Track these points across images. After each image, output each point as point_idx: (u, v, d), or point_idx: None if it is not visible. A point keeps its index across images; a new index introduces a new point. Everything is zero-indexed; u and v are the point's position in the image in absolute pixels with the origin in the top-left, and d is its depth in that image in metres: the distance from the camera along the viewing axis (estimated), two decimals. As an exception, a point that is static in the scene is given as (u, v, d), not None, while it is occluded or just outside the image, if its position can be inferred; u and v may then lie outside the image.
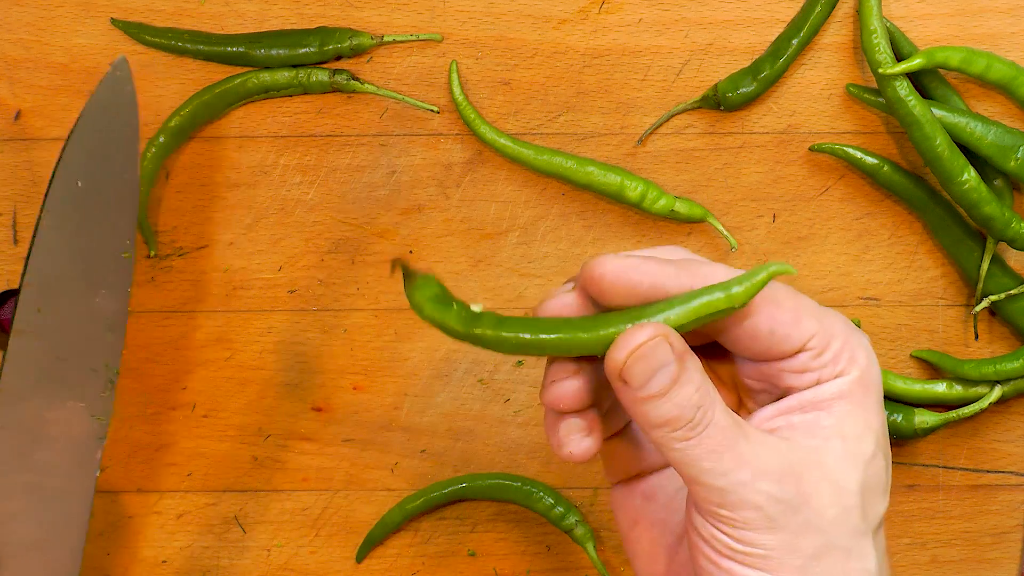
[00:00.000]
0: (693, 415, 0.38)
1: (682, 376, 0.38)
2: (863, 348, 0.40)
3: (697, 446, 0.38)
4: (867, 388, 0.40)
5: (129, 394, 0.62)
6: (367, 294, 0.61)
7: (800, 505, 0.38)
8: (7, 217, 0.60)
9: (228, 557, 0.64)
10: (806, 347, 0.39)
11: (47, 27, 0.58)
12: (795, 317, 0.39)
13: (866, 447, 0.39)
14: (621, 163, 0.59)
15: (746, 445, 0.38)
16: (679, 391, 0.38)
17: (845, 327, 0.40)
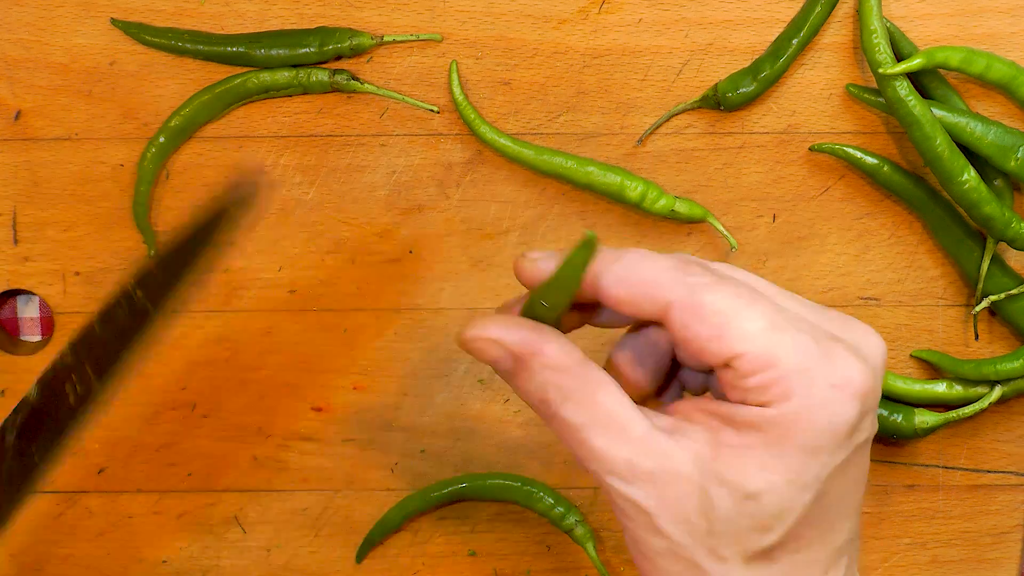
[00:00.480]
0: (537, 405, 0.39)
1: (520, 374, 0.39)
2: (809, 393, 0.37)
3: (560, 424, 0.39)
4: (786, 433, 0.37)
5: (129, 394, 0.62)
6: (367, 294, 0.61)
7: (642, 513, 0.38)
8: (7, 217, 0.60)
9: (228, 557, 0.64)
10: (731, 365, 0.37)
11: (47, 27, 0.58)
12: (717, 333, 0.37)
13: (752, 482, 0.37)
14: (621, 163, 0.59)
15: (602, 441, 0.38)
16: (519, 384, 0.40)
17: (802, 362, 0.37)
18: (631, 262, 0.39)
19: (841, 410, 0.37)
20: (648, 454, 0.38)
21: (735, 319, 0.37)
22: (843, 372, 0.37)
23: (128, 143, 0.59)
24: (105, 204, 0.60)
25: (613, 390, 0.39)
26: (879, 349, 0.40)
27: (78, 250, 0.60)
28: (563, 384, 0.39)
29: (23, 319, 0.63)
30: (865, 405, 0.38)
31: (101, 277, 0.61)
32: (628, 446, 0.38)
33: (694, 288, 0.38)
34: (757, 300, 0.38)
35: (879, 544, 0.63)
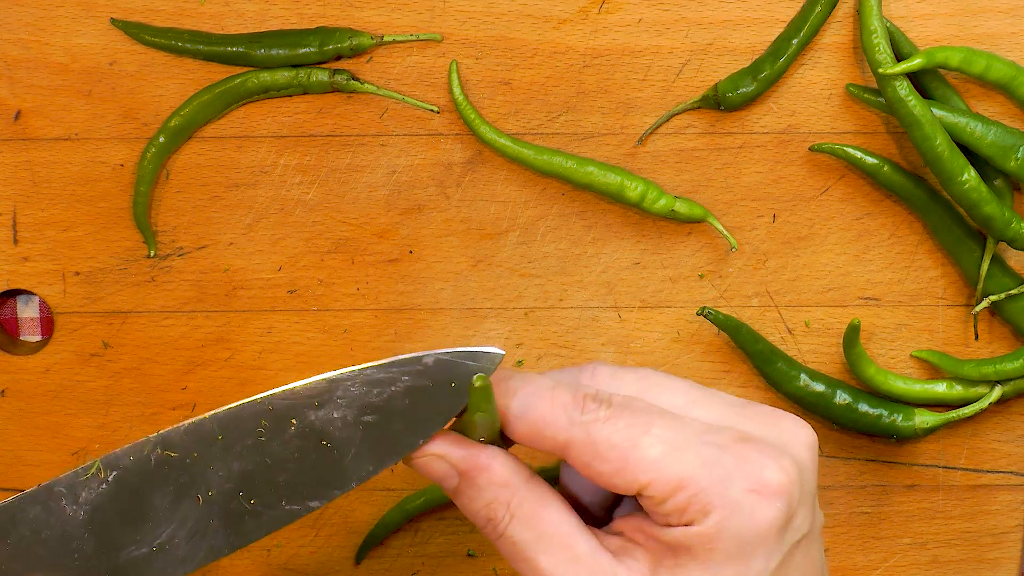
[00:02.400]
0: (484, 525, 0.39)
1: (466, 491, 0.39)
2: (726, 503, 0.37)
3: (500, 542, 0.39)
4: (713, 545, 0.37)
5: (129, 394, 0.62)
6: (367, 294, 0.61)
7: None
8: (7, 217, 0.60)
9: (228, 557, 0.64)
10: (643, 494, 0.37)
11: (47, 27, 0.58)
12: (618, 467, 0.37)
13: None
14: (621, 163, 0.59)
15: (548, 560, 0.38)
16: (467, 502, 0.40)
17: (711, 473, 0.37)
18: (526, 399, 0.39)
19: (763, 514, 0.37)
20: (591, 572, 0.38)
21: (633, 451, 0.37)
22: (758, 474, 0.37)
23: (128, 143, 0.59)
24: (105, 204, 0.60)
25: (560, 508, 0.39)
26: (806, 440, 0.39)
27: (78, 250, 0.60)
28: (510, 501, 0.39)
29: (23, 319, 0.63)
30: (790, 502, 0.37)
31: (101, 277, 0.61)
32: (574, 566, 0.38)
33: (588, 427, 0.38)
34: (653, 424, 0.37)
35: (879, 544, 0.63)
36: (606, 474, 0.37)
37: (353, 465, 0.41)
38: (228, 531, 0.42)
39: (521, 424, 0.39)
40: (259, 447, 0.42)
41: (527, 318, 0.61)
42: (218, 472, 0.42)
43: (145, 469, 0.42)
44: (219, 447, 0.42)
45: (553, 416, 0.38)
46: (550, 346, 0.61)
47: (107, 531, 0.42)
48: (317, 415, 0.42)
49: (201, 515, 0.42)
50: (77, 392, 0.62)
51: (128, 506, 0.42)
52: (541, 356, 0.61)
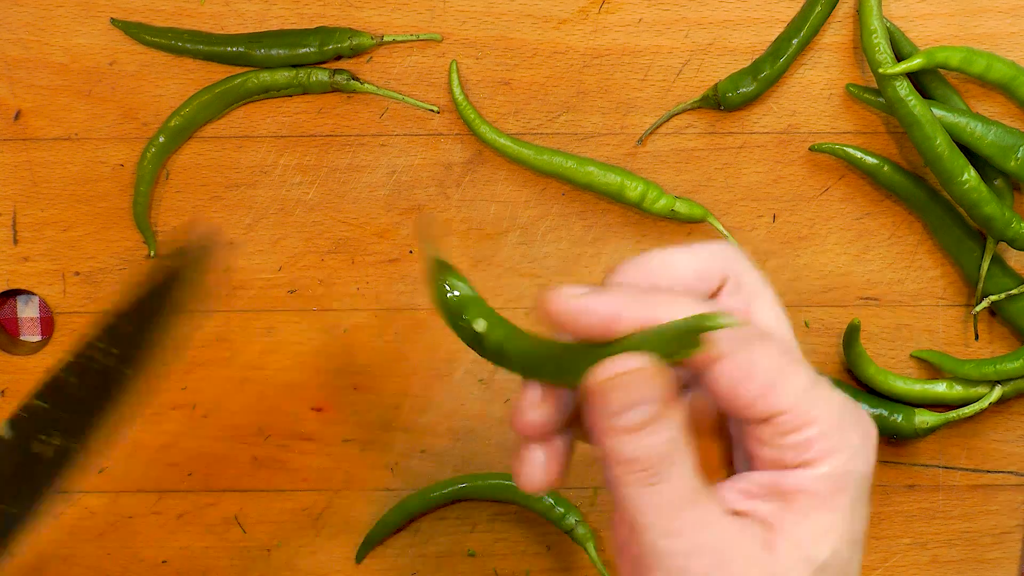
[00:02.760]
0: (656, 464, 0.36)
1: (658, 422, 0.36)
2: (847, 446, 0.37)
3: (649, 497, 0.36)
4: (839, 487, 0.37)
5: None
6: (367, 294, 0.61)
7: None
8: (7, 217, 0.60)
9: (228, 557, 0.64)
10: (772, 421, 0.37)
11: (47, 27, 0.58)
12: (766, 388, 0.36)
13: (821, 552, 0.36)
14: (621, 163, 0.59)
15: (697, 516, 0.36)
16: (650, 436, 0.36)
17: (836, 419, 0.37)
18: (653, 303, 0.37)
19: (870, 461, 0.38)
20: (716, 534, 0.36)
21: (781, 377, 0.36)
22: (864, 425, 0.38)
23: (128, 143, 0.59)
24: (105, 204, 0.60)
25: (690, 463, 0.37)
26: None
27: (78, 250, 0.60)
28: (682, 445, 0.36)
29: (23, 319, 0.63)
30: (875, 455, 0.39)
31: (101, 277, 0.61)
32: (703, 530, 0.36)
33: (749, 343, 0.37)
34: (799, 359, 0.38)
35: (879, 544, 0.63)
36: (748, 395, 0.36)
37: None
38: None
39: None
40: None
41: (527, 318, 0.61)
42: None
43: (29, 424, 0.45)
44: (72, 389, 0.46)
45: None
46: (550, 346, 0.61)
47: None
48: None
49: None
50: (77, 392, 0.62)
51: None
52: (541, 356, 0.61)
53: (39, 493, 0.45)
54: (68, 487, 0.62)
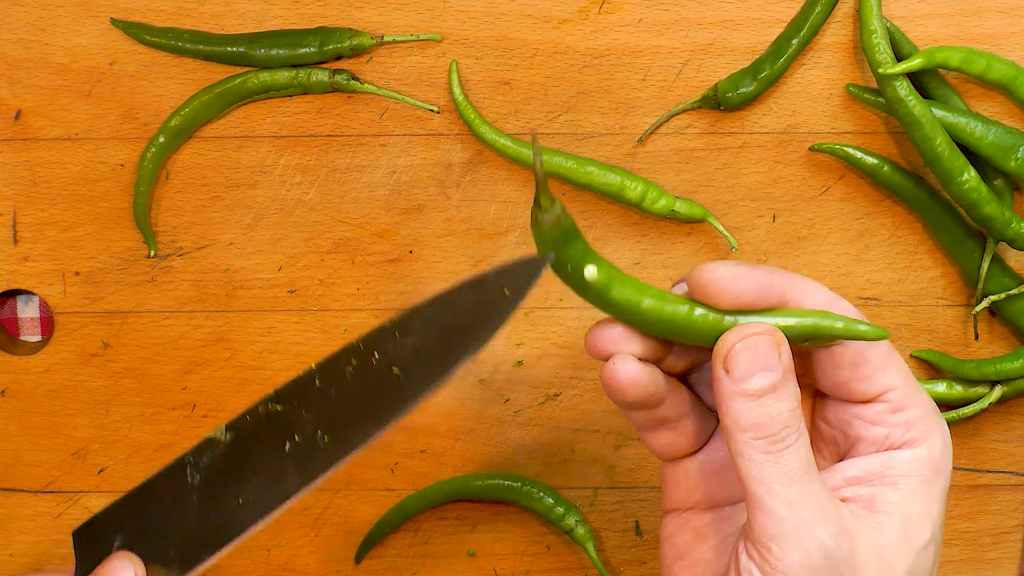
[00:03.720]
0: (780, 431, 0.38)
1: (781, 388, 0.38)
2: (941, 434, 0.40)
3: (775, 464, 0.37)
4: (936, 473, 0.39)
5: (129, 394, 0.62)
6: (367, 294, 0.61)
7: (845, 571, 0.37)
8: (7, 217, 0.60)
9: (228, 557, 0.63)
10: (883, 398, 0.40)
11: (47, 27, 0.58)
12: (882, 364, 0.40)
13: (923, 534, 0.39)
14: (621, 163, 0.59)
15: (817, 488, 0.38)
16: (774, 401, 0.38)
17: (932, 407, 0.40)
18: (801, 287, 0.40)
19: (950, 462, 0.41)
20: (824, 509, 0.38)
21: (892, 358, 0.40)
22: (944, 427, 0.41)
23: (128, 143, 0.59)
24: (105, 204, 0.60)
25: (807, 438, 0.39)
26: None
27: (78, 250, 0.60)
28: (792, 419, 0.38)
29: (23, 319, 0.63)
30: None
31: (101, 277, 0.61)
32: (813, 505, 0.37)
33: None
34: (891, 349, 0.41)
35: (879, 544, 0.63)
36: (873, 364, 0.39)
37: (413, 386, 0.41)
38: (298, 472, 0.42)
39: None
40: (346, 386, 0.43)
41: (527, 318, 0.61)
42: (308, 417, 0.43)
43: (255, 426, 0.44)
44: (315, 393, 0.43)
45: None
46: (550, 346, 0.61)
47: (215, 492, 0.44)
48: (395, 343, 0.42)
49: (280, 461, 0.43)
50: (77, 392, 0.62)
51: (235, 465, 0.44)
52: (541, 356, 0.61)
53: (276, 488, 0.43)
54: (68, 487, 0.62)
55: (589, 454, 0.62)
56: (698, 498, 0.44)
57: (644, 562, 0.63)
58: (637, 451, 0.62)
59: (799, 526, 0.37)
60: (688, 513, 0.44)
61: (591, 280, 0.39)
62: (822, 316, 0.39)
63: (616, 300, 0.40)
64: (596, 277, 0.39)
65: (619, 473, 0.62)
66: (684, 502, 0.44)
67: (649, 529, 0.63)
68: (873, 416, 0.40)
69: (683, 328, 0.40)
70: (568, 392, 0.62)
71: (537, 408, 0.62)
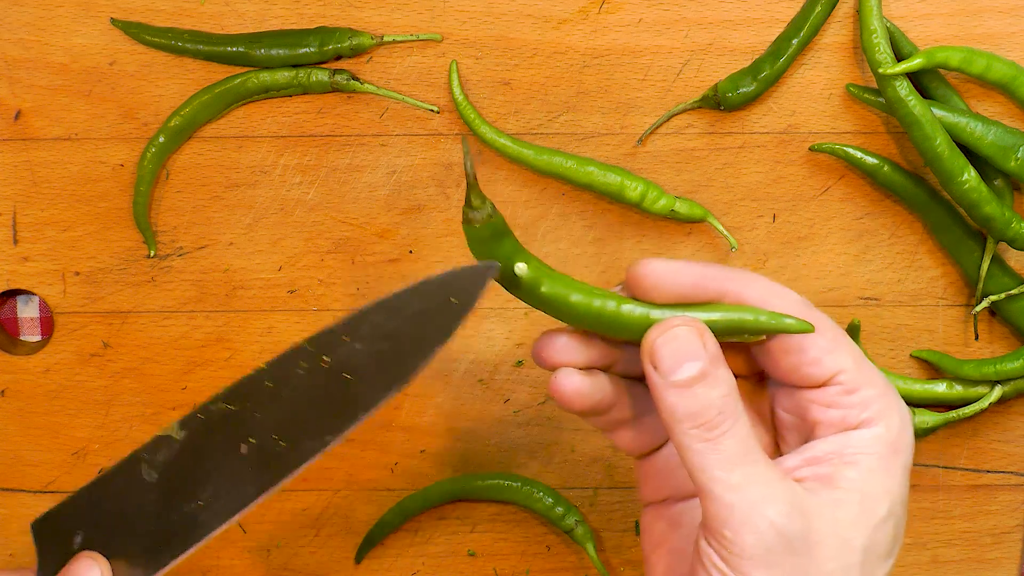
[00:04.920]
0: (714, 417, 0.39)
1: (711, 375, 0.39)
2: (898, 411, 0.41)
3: (714, 451, 0.38)
4: (895, 451, 0.40)
5: (129, 394, 0.62)
6: (367, 294, 0.61)
7: (801, 548, 0.38)
8: (7, 217, 0.60)
9: (228, 557, 0.64)
10: (835, 380, 0.40)
11: (47, 27, 0.58)
12: (831, 346, 0.40)
13: (880, 509, 0.39)
14: (621, 163, 0.59)
15: (762, 469, 0.38)
16: (705, 389, 0.39)
17: (885, 385, 0.41)
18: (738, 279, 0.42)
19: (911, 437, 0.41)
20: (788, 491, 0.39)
21: (842, 339, 0.41)
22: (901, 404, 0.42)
23: (128, 143, 0.59)
24: (105, 204, 0.60)
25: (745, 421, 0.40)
26: None
27: (78, 250, 0.60)
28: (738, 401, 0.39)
29: (23, 319, 0.63)
30: None
31: (101, 277, 0.61)
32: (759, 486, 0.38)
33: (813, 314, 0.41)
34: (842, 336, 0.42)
35: (879, 544, 0.63)
36: (821, 347, 0.40)
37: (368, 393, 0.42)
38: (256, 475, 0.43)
39: None
40: (297, 389, 0.43)
41: (527, 318, 0.61)
42: (261, 419, 0.43)
43: (209, 425, 0.44)
44: (267, 394, 0.43)
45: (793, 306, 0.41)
46: (550, 346, 0.61)
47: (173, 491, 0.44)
48: (345, 348, 0.42)
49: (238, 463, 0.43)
50: (77, 392, 0.62)
51: (192, 464, 0.44)
52: (541, 356, 0.61)
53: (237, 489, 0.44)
54: (68, 487, 0.62)
55: (589, 454, 0.62)
56: (668, 491, 0.45)
57: (644, 562, 0.63)
58: (637, 451, 0.62)
59: (748, 508, 0.38)
60: (661, 505, 0.45)
61: (521, 276, 0.41)
62: (747, 311, 0.40)
63: (546, 296, 0.41)
64: (526, 273, 0.41)
65: (619, 473, 0.62)
66: (656, 494, 0.46)
67: (649, 529, 0.63)
68: (827, 399, 0.41)
69: (612, 322, 0.41)
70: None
71: (537, 408, 0.62)
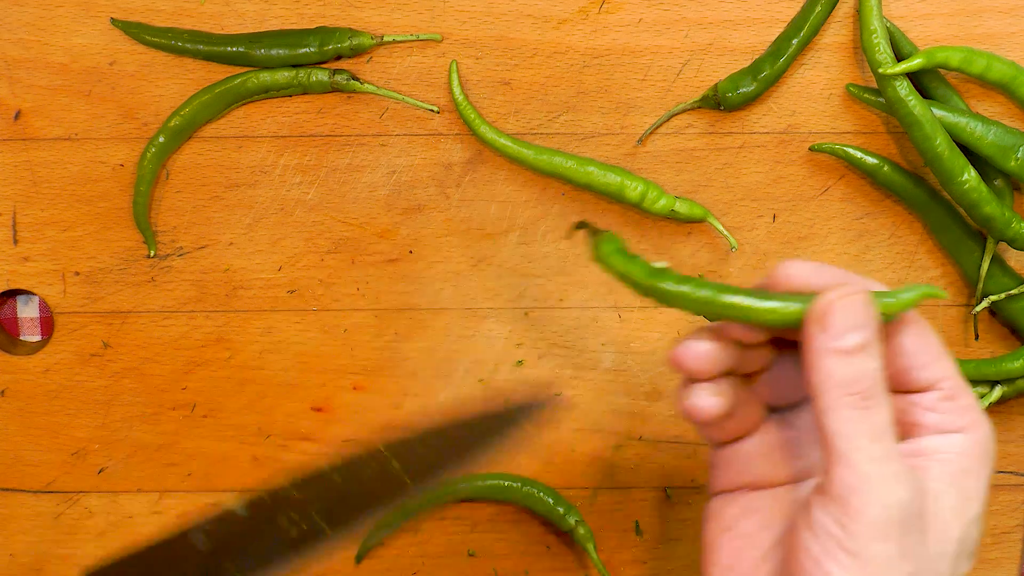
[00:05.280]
0: (868, 387, 0.39)
1: (871, 347, 0.40)
2: (986, 423, 0.42)
3: (864, 420, 0.39)
4: (984, 456, 0.42)
5: (129, 394, 0.62)
6: (367, 294, 0.61)
7: (916, 528, 0.39)
8: (7, 217, 0.60)
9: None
10: (938, 386, 0.42)
11: (47, 27, 0.58)
12: (937, 354, 0.42)
13: (972, 509, 0.41)
14: (621, 163, 0.59)
15: (896, 448, 0.40)
16: (865, 359, 0.40)
17: (973, 394, 0.43)
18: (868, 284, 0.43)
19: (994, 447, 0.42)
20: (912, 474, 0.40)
21: (943, 352, 0.42)
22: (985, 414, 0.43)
23: (128, 143, 0.59)
24: (105, 204, 0.60)
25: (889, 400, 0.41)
26: None
27: (78, 250, 0.60)
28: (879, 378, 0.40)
29: (23, 319, 0.63)
30: None
31: (101, 277, 0.61)
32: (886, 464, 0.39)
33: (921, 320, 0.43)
34: None
35: (879, 544, 0.63)
36: (929, 353, 0.42)
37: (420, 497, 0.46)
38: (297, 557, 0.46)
39: None
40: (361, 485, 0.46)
41: (527, 318, 0.61)
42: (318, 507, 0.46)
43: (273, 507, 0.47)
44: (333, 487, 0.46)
45: None
46: (550, 346, 0.61)
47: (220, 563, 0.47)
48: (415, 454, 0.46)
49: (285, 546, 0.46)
50: (77, 392, 0.62)
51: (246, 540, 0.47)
52: (541, 356, 0.61)
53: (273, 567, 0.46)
54: (68, 487, 0.63)
55: (589, 454, 0.62)
56: (747, 479, 0.45)
57: (644, 562, 0.63)
58: (637, 451, 0.62)
59: (881, 481, 0.38)
60: (736, 493, 0.46)
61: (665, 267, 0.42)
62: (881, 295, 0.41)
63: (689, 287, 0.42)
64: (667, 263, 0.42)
65: (619, 473, 0.62)
66: (733, 483, 0.46)
67: (649, 529, 0.63)
68: (929, 403, 0.42)
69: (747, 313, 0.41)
70: (568, 392, 0.62)
71: (537, 408, 0.62)
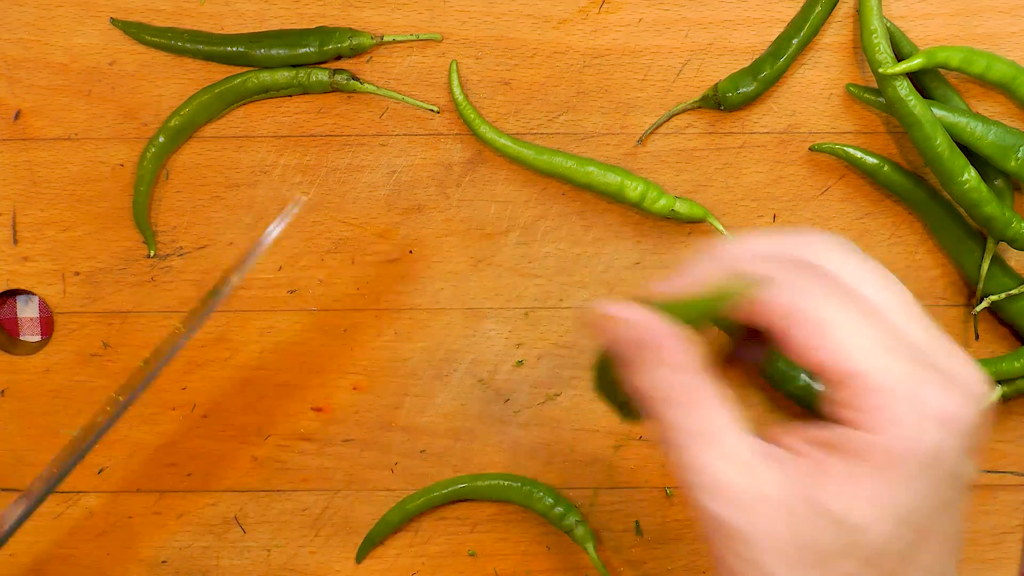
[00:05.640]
0: (649, 400, 0.39)
1: (636, 364, 0.39)
2: (918, 422, 0.36)
3: (657, 427, 0.39)
4: (894, 461, 0.36)
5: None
6: (367, 294, 0.61)
7: (730, 537, 0.37)
8: (7, 217, 0.60)
9: (228, 557, 0.64)
10: (844, 383, 0.37)
11: (47, 27, 0.58)
12: (834, 354, 0.37)
13: (856, 515, 0.36)
14: (621, 163, 0.59)
15: (698, 451, 0.37)
16: (632, 374, 0.39)
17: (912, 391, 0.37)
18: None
19: (946, 443, 0.36)
20: (740, 471, 0.37)
21: (855, 341, 0.37)
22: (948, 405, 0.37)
23: (128, 143, 0.59)
24: (105, 204, 0.60)
25: (723, 405, 0.38)
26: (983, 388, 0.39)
27: (78, 250, 0.60)
28: (677, 384, 0.39)
29: (23, 319, 0.63)
30: (966, 441, 0.37)
31: (101, 277, 0.61)
32: (723, 462, 0.37)
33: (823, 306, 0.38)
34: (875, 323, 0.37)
35: (879, 544, 0.63)
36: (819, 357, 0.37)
37: None
38: None
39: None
40: None
41: (527, 318, 0.61)
42: None
43: None
44: None
45: None
46: (550, 346, 0.61)
47: None
48: None
49: None
50: (77, 392, 0.62)
51: None
52: (541, 356, 0.61)
53: None
54: (68, 487, 0.62)
55: (589, 454, 0.62)
56: None
57: (644, 562, 0.63)
58: (637, 451, 0.62)
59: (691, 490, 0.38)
60: None
61: None
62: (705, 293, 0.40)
63: None
64: None
65: (619, 473, 0.62)
66: None
67: (649, 529, 0.63)
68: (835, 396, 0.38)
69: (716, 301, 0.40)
70: (568, 392, 0.62)
71: (537, 408, 0.62)
